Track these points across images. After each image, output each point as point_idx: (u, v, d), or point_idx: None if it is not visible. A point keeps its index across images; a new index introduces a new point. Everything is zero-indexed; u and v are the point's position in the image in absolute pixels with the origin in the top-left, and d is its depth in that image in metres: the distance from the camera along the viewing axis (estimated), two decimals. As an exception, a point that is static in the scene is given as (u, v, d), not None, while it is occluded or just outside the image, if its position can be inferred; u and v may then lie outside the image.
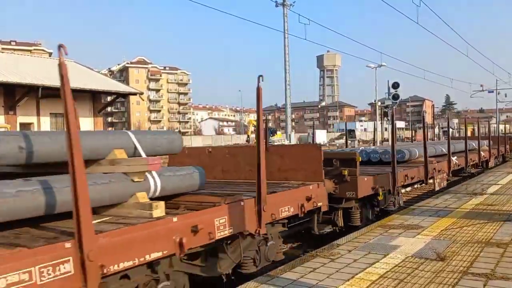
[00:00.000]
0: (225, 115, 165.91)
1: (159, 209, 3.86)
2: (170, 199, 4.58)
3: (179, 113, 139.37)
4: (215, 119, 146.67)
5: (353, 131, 56.33)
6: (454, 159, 11.91)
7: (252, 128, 54.07)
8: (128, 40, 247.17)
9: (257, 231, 4.76)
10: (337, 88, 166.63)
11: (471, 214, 7.85)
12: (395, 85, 30.10)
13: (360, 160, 7.58)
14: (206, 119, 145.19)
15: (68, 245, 2.92)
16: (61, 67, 2.95)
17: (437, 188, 10.52)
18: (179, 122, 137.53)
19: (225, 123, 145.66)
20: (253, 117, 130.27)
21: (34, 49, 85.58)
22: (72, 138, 2.98)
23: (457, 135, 39.30)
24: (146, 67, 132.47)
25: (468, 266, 4.88)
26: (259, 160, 4.75)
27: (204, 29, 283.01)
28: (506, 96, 64.68)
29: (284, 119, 32.67)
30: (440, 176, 10.61)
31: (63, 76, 2.98)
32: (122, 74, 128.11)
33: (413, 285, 4.31)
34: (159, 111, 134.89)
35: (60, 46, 2.92)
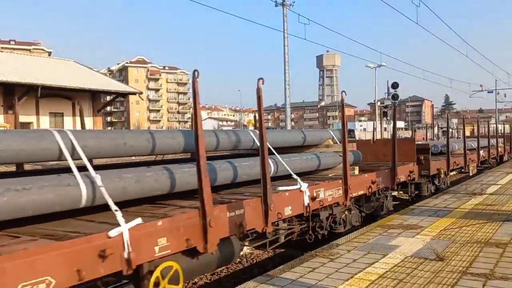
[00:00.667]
0: (225, 114, 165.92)
1: (356, 170, 7.77)
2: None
3: (178, 112, 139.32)
4: (215, 118, 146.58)
5: (353, 131, 56.28)
6: (481, 152, 15.90)
7: (251, 128, 54.02)
8: (127, 39, 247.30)
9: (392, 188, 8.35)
10: (337, 88, 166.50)
11: (471, 214, 7.85)
12: (395, 85, 30.11)
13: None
14: (205, 119, 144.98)
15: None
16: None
17: (472, 173, 14.63)
18: (179, 121, 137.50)
19: (224, 123, 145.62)
20: (252, 116, 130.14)
21: (34, 49, 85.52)
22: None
23: (456, 135, 39.32)
24: (146, 67, 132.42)
25: (467, 266, 4.88)
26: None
27: (204, 29, 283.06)
28: (505, 96, 64.80)
29: (283, 118, 32.68)
30: (473, 165, 14.84)
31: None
32: (122, 74, 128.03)
33: (412, 285, 4.31)
34: (158, 110, 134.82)
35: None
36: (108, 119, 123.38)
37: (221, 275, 6.66)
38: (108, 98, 34.80)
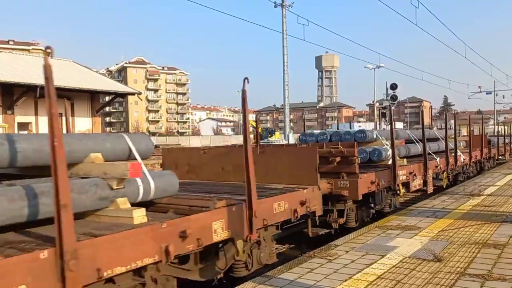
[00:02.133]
0: (224, 115, 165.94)
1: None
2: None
3: (177, 113, 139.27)
4: (214, 119, 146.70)
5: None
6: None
7: (250, 129, 53.99)
8: (126, 40, 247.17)
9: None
10: (336, 89, 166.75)
11: (469, 215, 7.87)
12: (393, 86, 30.15)
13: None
14: (204, 119, 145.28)
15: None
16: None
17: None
18: (178, 122, 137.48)
19: (223, 123, 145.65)
20: (251, 117, 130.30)
21: (32, 49, 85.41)
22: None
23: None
24: (145, 67, 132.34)
25: (466, 267, 4.89)
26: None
27: (203, 29, 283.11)
28: (504, 97, 64.98)
29: (282, 119, 32.67)
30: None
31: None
32: (121, 74, 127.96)
33: (410, 286, 4.33)
34: (157, 111, 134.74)
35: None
36: (107, 119, 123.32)
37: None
38: (107, 98, 34.78)
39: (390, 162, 8.78)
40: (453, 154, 12.29)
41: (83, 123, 31.15)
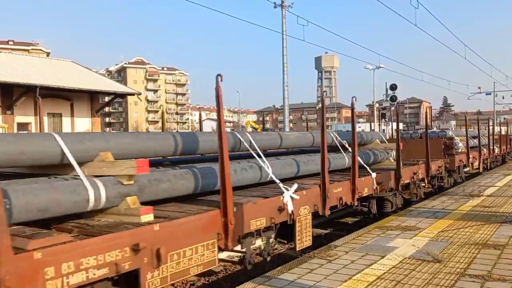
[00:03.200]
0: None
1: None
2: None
3: (177, 113, 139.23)
4: (213, 119, 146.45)
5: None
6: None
7: (249, 129, 54.14)
8: (126, 40, 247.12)
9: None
10: (335, 90, 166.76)
11: (468, 216, 7.87)
12: (393, 87, 30.17)
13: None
14: (204, 120, 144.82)
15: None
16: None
17: None
18: (177, 122, 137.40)
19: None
20: (251, 118, 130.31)
21: (32, 49, 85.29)
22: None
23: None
24: (144, 68, 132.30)
25: (465, 267, 4.89)
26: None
27: (203, 29, 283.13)
28: (503, 98, 64.97)
29: (282, 120, 32.68)
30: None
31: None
32: (120, 74, 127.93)
33: (410, 287, 4.32)
34: (157, 111, 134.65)
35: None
36: (107, 119, 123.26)
37: (219, 276, 6.65)
38: (107, 98, 34.74)
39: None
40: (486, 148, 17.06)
41: (83, 123, 31.13)
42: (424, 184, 10.38)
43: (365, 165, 7.84)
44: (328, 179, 6.05)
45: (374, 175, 7.58)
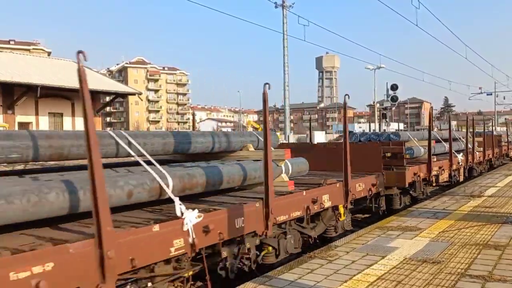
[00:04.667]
0: (224, 115, 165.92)
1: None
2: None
3: (177, 113, 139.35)
4: (214, 119, 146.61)
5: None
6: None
7: (250, 129, 54.12)
8: (127, 40, 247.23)
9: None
10: (336, 90, 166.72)
11: (469, 216, 7.86)
12: (394, 87, 30.19)
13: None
14: (204, 120, 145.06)
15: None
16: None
17: None
18: (178, 122, 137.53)
19: (223, 124, 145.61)
20: (251, 118, 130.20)
21: (33, 49, 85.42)
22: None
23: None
24: (145, 67, 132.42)
25: (466, 268, 4.89)
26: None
27: (203, 29, 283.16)
28: (504, 98, 64.94)
29: (283, 120, 32.69)
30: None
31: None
32: (121, 74, 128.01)
33: (411, 287, 4.32)
34: (157, 111, 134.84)
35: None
36: (108, 119, 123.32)
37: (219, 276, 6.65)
38: (108, 98, 34.77)
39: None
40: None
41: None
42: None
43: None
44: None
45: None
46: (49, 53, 77.86)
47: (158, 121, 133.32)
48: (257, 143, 6.40)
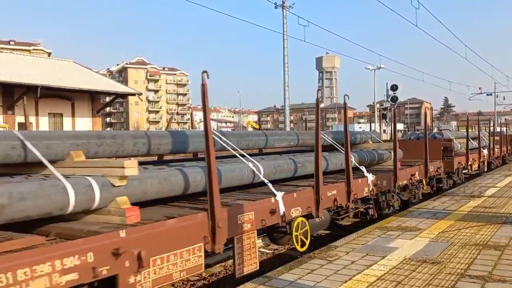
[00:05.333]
0: (224, 116, 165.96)
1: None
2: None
3: (177, 113, 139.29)
4: (214, 120, 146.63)
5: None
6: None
7: (250, 129, 54.15)
8: (127, 40, 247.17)
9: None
10: (336, 90, 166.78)
11: (469, 217, 7.86)
12: (394, 87, 30.18)
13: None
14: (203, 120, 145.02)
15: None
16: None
17: None
18: (178, 123, 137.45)
19: (223, 124, 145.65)
20: (251, 118, 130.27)
21: (33, 49, 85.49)
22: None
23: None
24: (145, 68, 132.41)
25: (466, 268, 4.89)
26: None
27: (203, 29, 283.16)
28: (504, 99, 64.92)
29: (283, 120, 32.70)
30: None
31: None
32: (121, 75, 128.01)
33: (410, 287, 4.32)
34: (157, 111, 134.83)
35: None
36: (108, 120, 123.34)
37: (219, 276, 6.66)
38: (108, 99, 34.78)
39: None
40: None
41: (84, 123, 31.15)
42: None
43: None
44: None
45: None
46: (49, 54, 77.94)
47: (158, 122, 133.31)
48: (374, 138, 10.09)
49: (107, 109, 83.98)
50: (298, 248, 5.75)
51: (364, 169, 7.60)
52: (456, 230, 6.80)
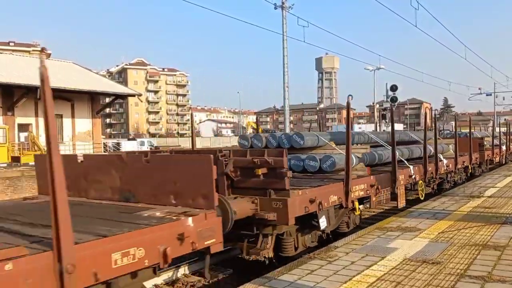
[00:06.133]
0: (224, 116, 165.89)
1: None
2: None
3: (177, 114, 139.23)
4: (214, 120, 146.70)
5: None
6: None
7: (250, 130, 54.11)
8: (126, 40, 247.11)
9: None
10: (336, 91, 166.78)
11: (469, 217, 7.87)
12: (394, 88, 30.18)
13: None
14: (204, 121, 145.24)
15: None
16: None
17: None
18: (178, 123, 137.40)
19: (223, 125, 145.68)
20: (251, 118, 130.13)
21: (33, 50, 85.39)
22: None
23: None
24: (145, 69, 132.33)
25: (465, 268, 4.89)
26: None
27: (203, 30, 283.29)
28: (504, 99, 64.90)
29: (282, 121, 32.69)
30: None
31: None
32: (121, 76, 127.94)
33: (410, 288, 4.32)
34: (157, 112, 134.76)
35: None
36: (107, 120, 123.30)
37: (219, 277, 6.65)
38: (107, 99, 34.81)
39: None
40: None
41: (83, 124, 31.17)
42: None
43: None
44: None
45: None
46: (48, 55, 77.87)
47: (158, 122, 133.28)
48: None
49: (107, 110, 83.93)
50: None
51: (441, 156, 11.82)
52: (455, 231, 6.80)
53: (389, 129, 10.13)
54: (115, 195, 5.39)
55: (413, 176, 9.61)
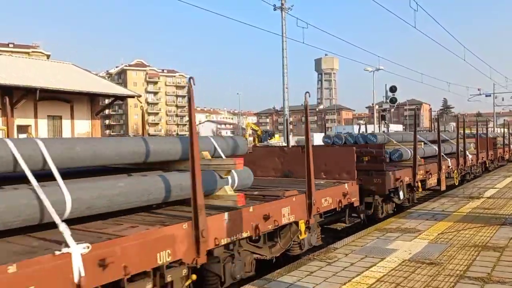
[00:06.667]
0: (223, 117, 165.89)
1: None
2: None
3: (177, 115, 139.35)
4: (213, 121, 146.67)
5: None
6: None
7: (250, 131, 54.09)
8: (126, 41, 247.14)
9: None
10: (335, 91, 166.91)
11: (468, 218, 7.87)
12: (393, 89, 30.19)
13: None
14: (204, 122, 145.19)
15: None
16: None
17: None
18: (177, 124, 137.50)
19: (223, 126, 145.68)
20: (251, 119, 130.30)
21: (32, 51, 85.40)
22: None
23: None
24: (145, 70, 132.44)
25: (465, 270, 4.89)
26: None
27: (203, 31, 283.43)
28: (503, 100, 64.94)
29: (282, 122, 32.71)
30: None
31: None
32: (120, 77, 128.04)
33: (409, 289, 4.32)
34: (157, 113, 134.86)
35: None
36: (107, 122, 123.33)
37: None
38: (107, 101, 34.81)
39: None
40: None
41: (83, 125, 31.13)
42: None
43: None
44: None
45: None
46: (48, 56, 77.86)
47: (157, 123, 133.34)
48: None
49: (106, 111, 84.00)
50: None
51: (467, 152, 13.70)
52: (455, 232, 6.80)
53: (395, 129, 10.96)
54: (277, 173, 8.33)
55: (450, 167, 12.39)
